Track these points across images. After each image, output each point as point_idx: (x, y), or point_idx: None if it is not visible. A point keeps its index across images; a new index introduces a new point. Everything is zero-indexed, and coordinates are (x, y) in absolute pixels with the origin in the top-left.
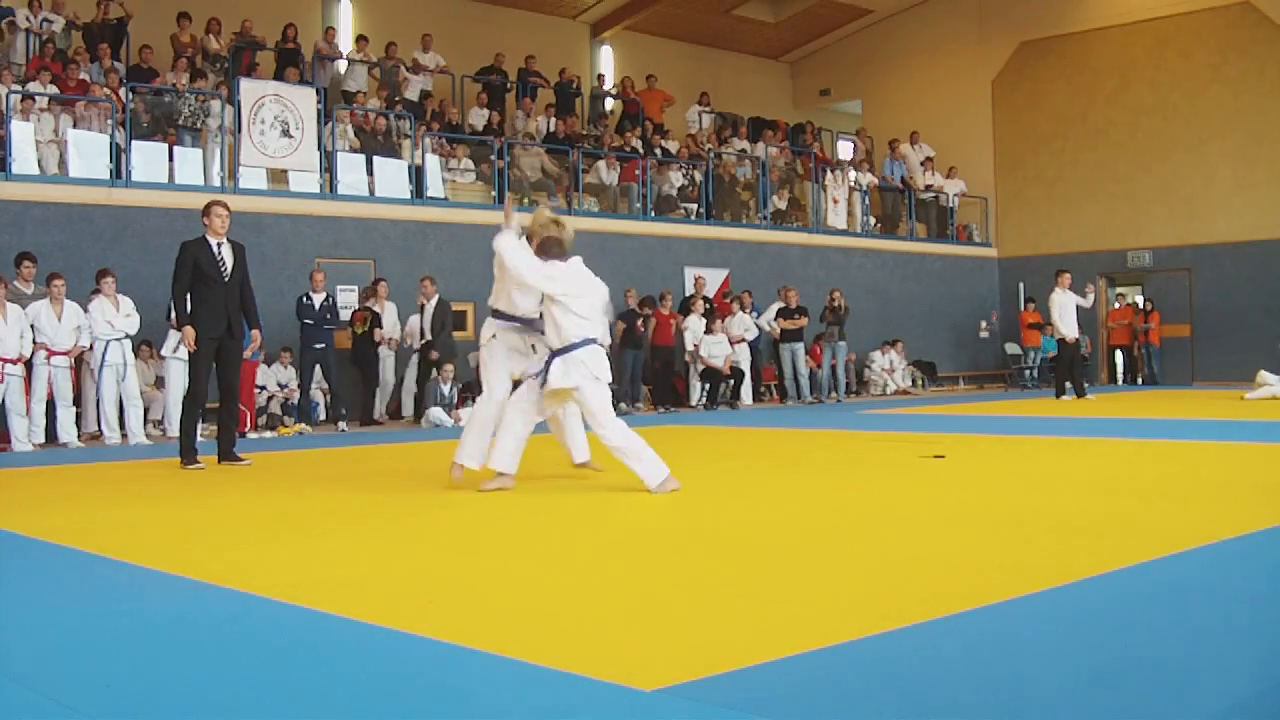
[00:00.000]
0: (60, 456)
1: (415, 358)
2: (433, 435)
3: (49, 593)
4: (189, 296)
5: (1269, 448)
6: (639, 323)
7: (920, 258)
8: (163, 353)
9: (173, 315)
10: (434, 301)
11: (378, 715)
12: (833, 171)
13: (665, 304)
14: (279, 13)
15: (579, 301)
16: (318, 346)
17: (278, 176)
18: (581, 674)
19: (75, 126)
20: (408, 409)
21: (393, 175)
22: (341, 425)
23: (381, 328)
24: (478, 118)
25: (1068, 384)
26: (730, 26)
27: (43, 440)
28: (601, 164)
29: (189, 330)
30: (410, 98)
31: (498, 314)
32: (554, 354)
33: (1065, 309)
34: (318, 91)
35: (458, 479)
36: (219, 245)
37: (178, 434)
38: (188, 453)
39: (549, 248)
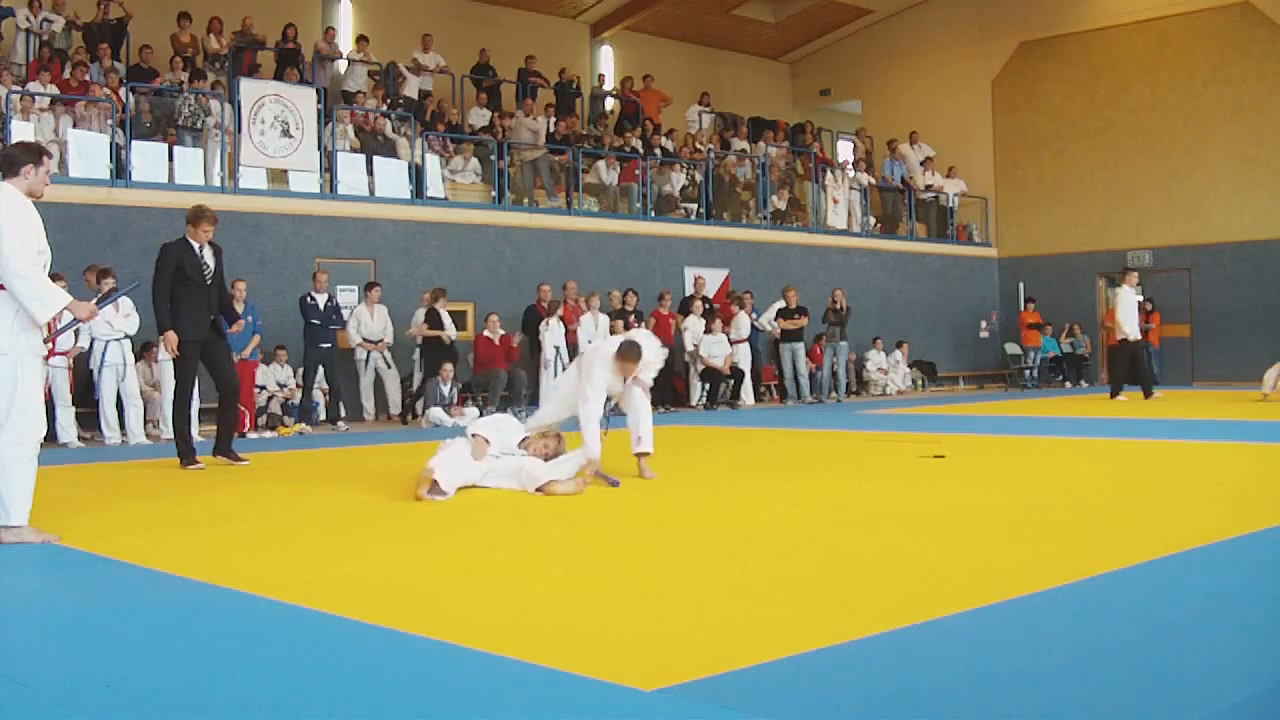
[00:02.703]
0: (60, 457)
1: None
2: (433, 435)
3: (49, 593)
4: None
5: (1269, 447)
6: (631, 318)
7: (920, 258)
8: (159, 357)
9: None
10: None
11: (378, 715)
12: (833, 171)
13: (665, 304)
14: (279, 13)
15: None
16: (323, 346)
17: (278, 176)
18: (581, 674)
19: (75, 126)
20: (369, 411)
21: (393, 175)
22: (341, 425)
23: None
24: (478, 118)
25: (1125, 384)
26: (730, 26)
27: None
28: (601, 164)
29: (170, 336)
30: (409, 94)
31: None
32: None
33: (1129, 308)
34: (318, 91)
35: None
36: (200, 247)
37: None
38: (185, 454)
39: None
